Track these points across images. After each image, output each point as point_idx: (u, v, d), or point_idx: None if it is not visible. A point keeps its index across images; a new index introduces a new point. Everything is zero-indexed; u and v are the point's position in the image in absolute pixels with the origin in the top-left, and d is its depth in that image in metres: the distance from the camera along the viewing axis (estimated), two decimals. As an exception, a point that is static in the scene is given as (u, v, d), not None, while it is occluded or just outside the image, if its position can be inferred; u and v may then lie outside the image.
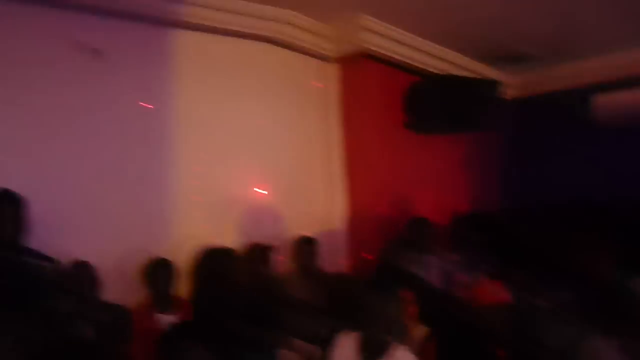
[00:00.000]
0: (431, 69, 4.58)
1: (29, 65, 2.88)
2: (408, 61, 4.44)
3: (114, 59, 3.16)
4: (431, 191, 4.53)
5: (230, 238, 3.48)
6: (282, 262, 3.71)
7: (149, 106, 3.31)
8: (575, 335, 2.51)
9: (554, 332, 2.68)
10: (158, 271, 3.02)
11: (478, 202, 4.72)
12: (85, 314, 2.61)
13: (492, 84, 4.55)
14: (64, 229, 2.85)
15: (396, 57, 4.34)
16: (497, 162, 5.05)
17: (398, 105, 4.46)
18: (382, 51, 4.24)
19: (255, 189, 3.83)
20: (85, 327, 2.59)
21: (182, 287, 3.28)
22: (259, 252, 3.45)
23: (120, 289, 2.98)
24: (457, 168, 4.86)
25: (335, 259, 4.13)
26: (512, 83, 5.45)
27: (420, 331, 2.60)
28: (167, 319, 2.91)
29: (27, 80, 2.86)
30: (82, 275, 2.68)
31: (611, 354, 2.26)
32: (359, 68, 4.29)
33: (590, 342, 2.33)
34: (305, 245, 3.73)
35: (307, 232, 3.85)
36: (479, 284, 2.75)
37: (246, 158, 3.78)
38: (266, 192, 3.88)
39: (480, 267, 3.63)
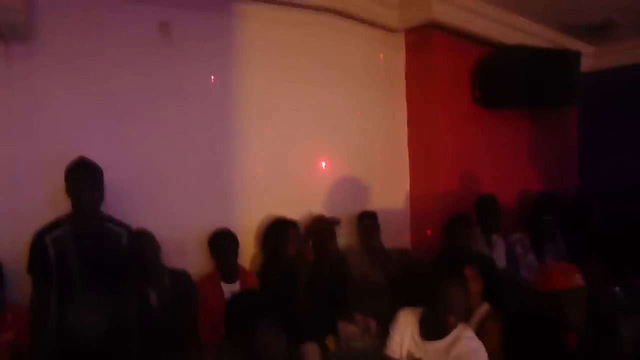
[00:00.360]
0: (504, 40, 4.35)
1: (109, 49, 3.00)
2: (478, 31, 4.23)
3: (182, 36, 3.22)
4: (500, 169, 4.37)
5: (295, 211, 3.52)
6: (345, 237, 3.73)
7: (213, 78, 3.37)
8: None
9: (629, 322, 2.54)
10: (222, 242, 3.10)
11: (550, 182, 4.51)
12: (153, 281, 2.75)
13: (572, 55, 4.26)
14: (136, 199, 2.97)
15: (466, 27, 4.14)
16: (573, 139, 4.77)
17: (467, 79, 4.30)
18: (451, 21, 4.05)
19: (319, 162, 3.84)
20: (153, 293, 2.73)
21: (247, 258, 3.39)
22: (323, 226, 3.49)
23: (187, 258, 3.11)
24: (528, 145, 4.64)
25: (398, 235, 4.10)
26: (592, 54, 5.08)
27: (483, 309, 2.55)
28: (231, 288, 3.02)
29: (109, 64, 2.99)
30: (144, 243, 2.78)
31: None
32: (427, 39, 4.15)
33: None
34: (368, 221, 3.72)
35: (370, 207, 3.85)
36: (549, 267, 2.63)
37: (311, 131, 3.77)
38: (330, 166, 3.88)
39: (551, 250, 3.50)
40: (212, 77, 3.36)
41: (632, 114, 4.39)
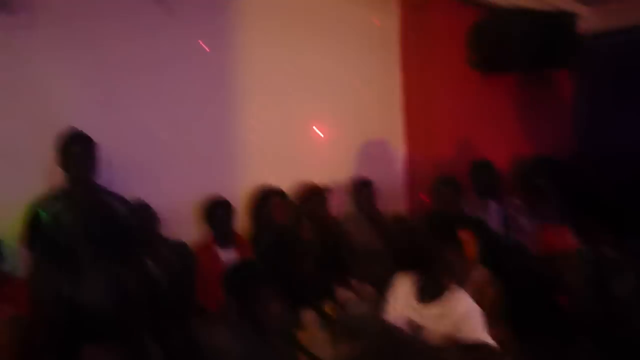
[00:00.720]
0: (500, 2, 4.26)
1: (103, 18, 2.93)
2: (474, -7, 4.16)
3: (178, 2, 3.15)
4: (496, 134, 4.36)
5: (290, 178, 3.52)
6: (339, 204, 3.75)
7: (206, 48, 3.32)
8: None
9: (621, 281, 2.59)
10: (216, 209, 3.14)
11: (546, 146, 4.50)
12: (153, 253, 2.77)
13: (568, 17, 4.20)
14: (129, 170, 2.95)
15: (461, -11, 4.08)
16: (569, 103, 4.74)
17: (462, 43, 4.23)
18: (447, -17, 3.98)
19: (313, 130, 3.83)
20: (154, 265, 2.75)
21: (242, 225, 3.40)
22: (314, 194, 3.50)
23: (182, 226, 3.13)
24: (524, 109, 4.61)
25: (394, 202, 4.12)
26: (588, 15, 5.01)
27: (479, 272, 2.58)
28: (228, 254, 3.06)
29: (102, 32, 2.93)
30: (144, 215, 2.79)
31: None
32: (422, 2, 4.07)
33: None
34: (363, 188, 3.73)
35: (366, 174, 3.85)
36: (543, 230, 2.66)
37: (305, 98, 3.74)
38: (325, 133, 3.86)
39: (544, 213, 3.53)
40: (205, 46, 3.31)
41: (628, 76, 4.36)
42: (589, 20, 4.98)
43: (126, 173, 2.90)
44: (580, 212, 3.33)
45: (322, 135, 3.85)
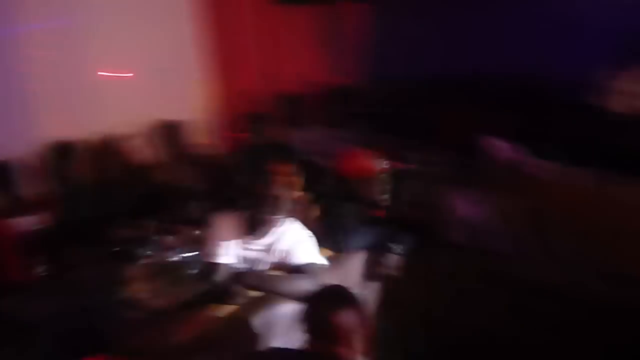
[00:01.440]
0: None
1: None
2: None
3: None
4: (298, 65, 4.47)
5: (86, 129, 3.26)
6: (149, 149, 3.55)
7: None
8: (436, 191, 2.86)
9: (420, 191, 3.00)
10: None
11: (345, 75, 4.78)
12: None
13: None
14: None
15: None
16: (365, 32, 5.04)
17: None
18: None
19: (109, 74, 3.47)
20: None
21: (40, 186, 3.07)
22: (107, 145, 3.34)
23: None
24: (322, 40, 4.79)
25: (207, 140, 4.03)
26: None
27: (299, 197, 2.70)
28: (26, 221, 2.72)
29: None
30: None
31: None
32: None
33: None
34: (171, 130, 3.61)
35: (175, 116, 3.69)
36: (350, 154, 2.88)
37: (104, 39, 3.41)
38: (127, 76, 3.55)
39: (350, 138, 3.82)
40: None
41: (422, 9, 4.72)
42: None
43: None
44: (382, 134, 3.68)
45: (118, 79, 3.53)
